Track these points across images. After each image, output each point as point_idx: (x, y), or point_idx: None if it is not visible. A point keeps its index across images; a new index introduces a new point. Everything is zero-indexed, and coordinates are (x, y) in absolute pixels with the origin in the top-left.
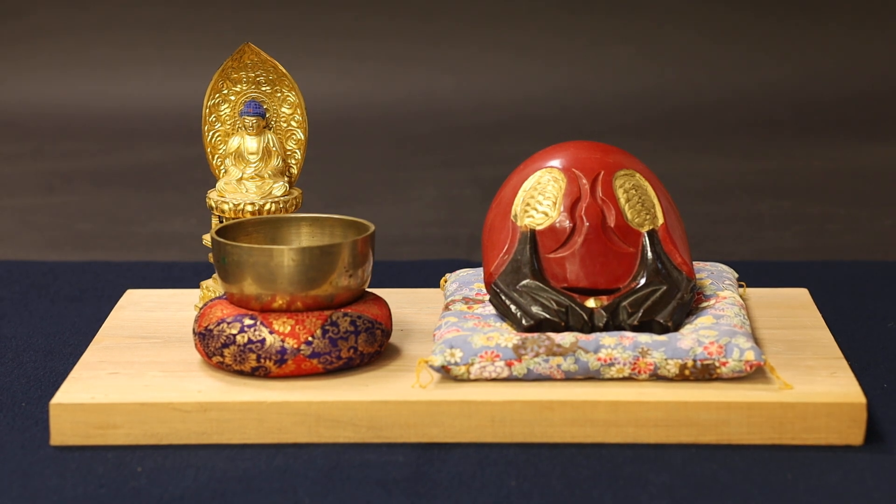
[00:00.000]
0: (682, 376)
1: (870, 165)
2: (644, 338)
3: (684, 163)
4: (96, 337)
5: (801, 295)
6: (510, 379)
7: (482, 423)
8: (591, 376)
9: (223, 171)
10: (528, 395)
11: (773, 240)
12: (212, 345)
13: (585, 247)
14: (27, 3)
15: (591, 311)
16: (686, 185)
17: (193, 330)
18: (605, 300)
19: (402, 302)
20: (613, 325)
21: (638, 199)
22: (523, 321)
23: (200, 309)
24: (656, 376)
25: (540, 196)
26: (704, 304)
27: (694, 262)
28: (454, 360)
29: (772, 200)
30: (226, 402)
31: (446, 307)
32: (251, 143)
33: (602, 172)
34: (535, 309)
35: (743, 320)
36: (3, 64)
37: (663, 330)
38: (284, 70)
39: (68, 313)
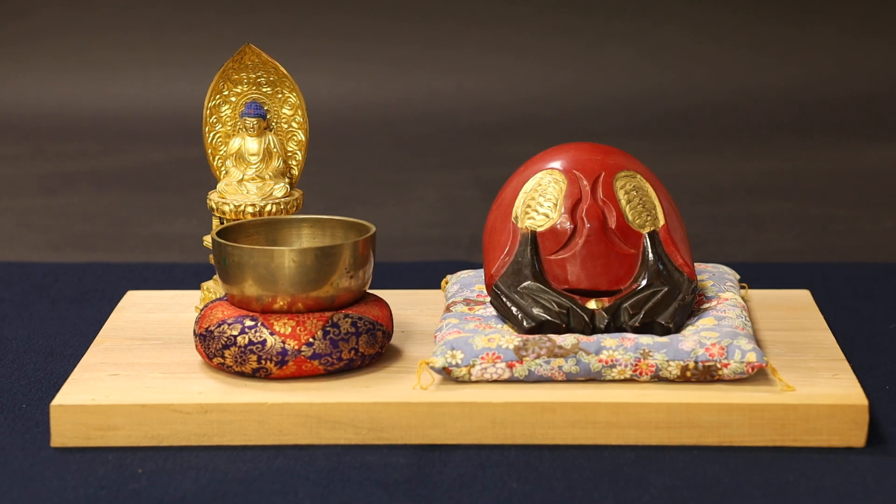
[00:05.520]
0: (684, 378)
1: (871, 167)
2: (645, 339)
3: (685, 164)
4: (97, 338)
5: (803, 296)
6: (511, 380)
7: (483, 424)
8: (593, 378)
9: (224, 172)
10: (530, 396)
11: (775, 241)
12: (212, 346)
13: (586, 248)
14: (28, 5)
15: (592, 313)
16: (687, 186)
17: (194, 331)
18: (606, 302)
19: (403, 303)
20: (615, 326)
21: (639, 201)
22: (524, 323)
23: (201, 310)
24: (658, 378)
25: (541, 198)
26: (706, 306)
27: (695, 264)
28: (455, 362)
29: (773, 202)
30: (226, 404)
31: (447, 308)
32: (252, 145)
33: (603, 174)
34: (536, 311)
35: (744, 322)
36: (4, 65)
37: (664, 331)
38: (285, 71)
39: (69, 315)
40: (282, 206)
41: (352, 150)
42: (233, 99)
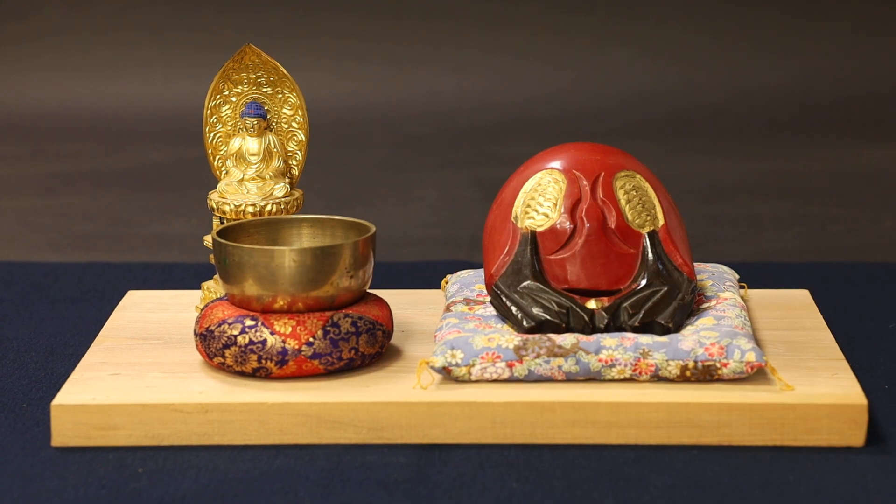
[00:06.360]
0: (684, 377)
1: (871, 167)
2: (645, 339)
3: (685, 164)
4: (97, 338)
5: (802, 296)
6: (511, 380)
7: (483, 424)
8: (593, 377)
9: (224, 172)
10: (530, 396)
11: (774, 241)
12: (213, 346)
13: (586, 248)
14: (28, 5)
15: (591, 313)
16: (687, 186)
17: (194, 331)
18: (605, 301)
19: (403, 303)
20: (614, 326)
21: (638, 201)
22: (524, 322)
23: (201, 310)
24: (657, 377)
25: (540, 197)
26: (705, 306)
27: (695, 264)
28: (455, 361)
29: (773, 202)
30: (227, 403)
31: (447, 308)
32: (252, 145)
33: (602, 174)
34: (535, 310)
35: (744, 321)
36: (4, 65)
37: (664, 331)
38: (285, 71)
39: (69, 314)
40: (282, 206)
41: (352, 150)
42: (233, 99)
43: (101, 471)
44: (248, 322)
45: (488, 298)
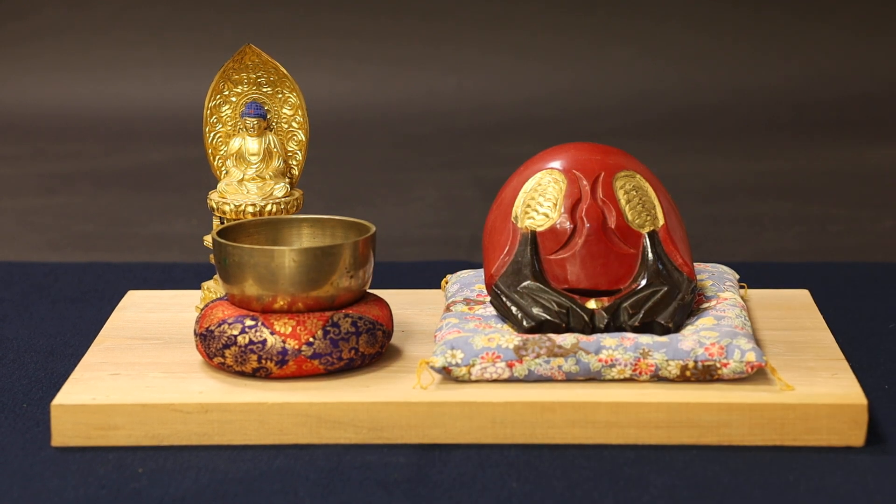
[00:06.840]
0: (684, 377)
1: (871, 167)
2: (645, 339)
3: (685, 164)
4: (97, 338)
5: (802, 296)
6: (511, 380)
7: (483, 424)
8: (593, 377)
9: (224, 172)
10: (530, 396)
11: (774, 241)
12: (213, 346)
13: (586, 248)
14: (28, 5)
15: (591, 313)
16: (687, 186)
17: (194, 331)
18: (605, 301)
19: (403, 303)
20: (614, 326)
21: (638, 201)
22: (524, 322)
23: (201, 310)
24: (657, 377)
25: (540, 197)
26: (705, 306)
27: (695, 264)
28: (455, 361)
29: (773, 202)
30: (227, 403)
31: (447, 308)
32: (252, 145)
33: (602, 174)
34: (535, 310)
35: (744, 321)
36: (4, 65)
37: (664, 331)
38: (285, 71)
39: (69, 314)
40: (282, 206)
41: (352, 150)
42: (233, 99)
43: (101, 471)
44: (248, 322)
45: (488, 298)
